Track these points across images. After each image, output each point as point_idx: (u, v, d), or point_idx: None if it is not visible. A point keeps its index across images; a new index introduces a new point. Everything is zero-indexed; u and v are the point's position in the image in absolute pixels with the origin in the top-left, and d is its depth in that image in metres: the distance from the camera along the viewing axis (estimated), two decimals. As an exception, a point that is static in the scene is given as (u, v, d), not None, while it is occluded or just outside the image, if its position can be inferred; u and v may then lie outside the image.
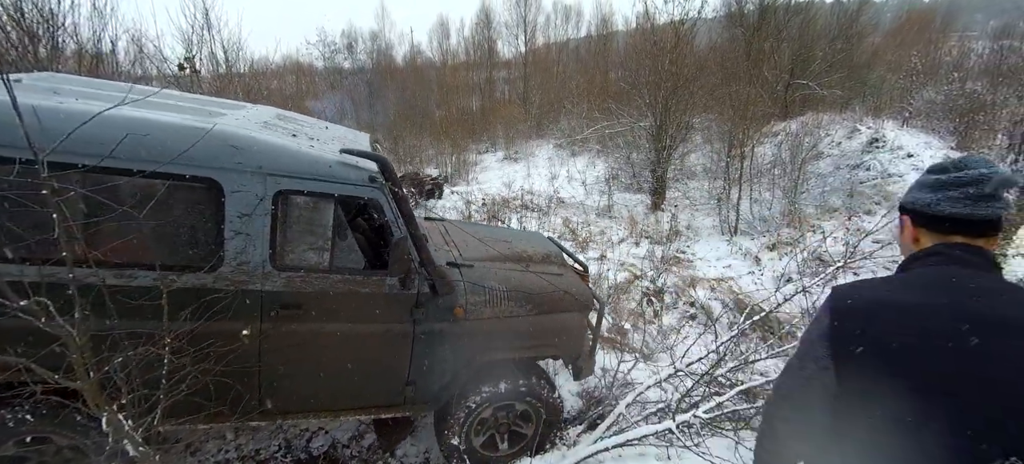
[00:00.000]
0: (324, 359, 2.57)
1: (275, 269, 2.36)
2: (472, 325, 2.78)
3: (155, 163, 2.10)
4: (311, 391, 2.63)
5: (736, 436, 3.14)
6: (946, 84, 13.23)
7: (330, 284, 2.47)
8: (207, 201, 2.23)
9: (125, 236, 2.13)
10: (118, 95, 2.24)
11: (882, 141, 11.05)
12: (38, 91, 2.26)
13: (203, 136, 2.15)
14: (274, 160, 2.30)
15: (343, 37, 29.71)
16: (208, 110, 2.63)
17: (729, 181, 9.81)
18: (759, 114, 10.75)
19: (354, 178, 2.45)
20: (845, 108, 14.48)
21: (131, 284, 2.15)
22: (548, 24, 30.25)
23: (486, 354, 2.88)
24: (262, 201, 2.28)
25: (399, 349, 2.68)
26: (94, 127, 1.93)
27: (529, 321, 2.95)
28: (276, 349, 2.44)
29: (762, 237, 8.75)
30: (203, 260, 2.26)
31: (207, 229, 2.26)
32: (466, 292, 2.77)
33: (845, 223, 8.48)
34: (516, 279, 3.02)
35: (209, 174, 2.19)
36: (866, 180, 9.98)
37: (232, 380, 2.35)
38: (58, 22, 6.55)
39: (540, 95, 21.83)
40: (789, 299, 3.86)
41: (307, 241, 2.46)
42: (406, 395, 2.81)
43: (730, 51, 14.43)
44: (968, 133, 11.19)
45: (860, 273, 7.25)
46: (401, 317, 2.63)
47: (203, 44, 9.19)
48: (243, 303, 2.33)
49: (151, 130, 2.13)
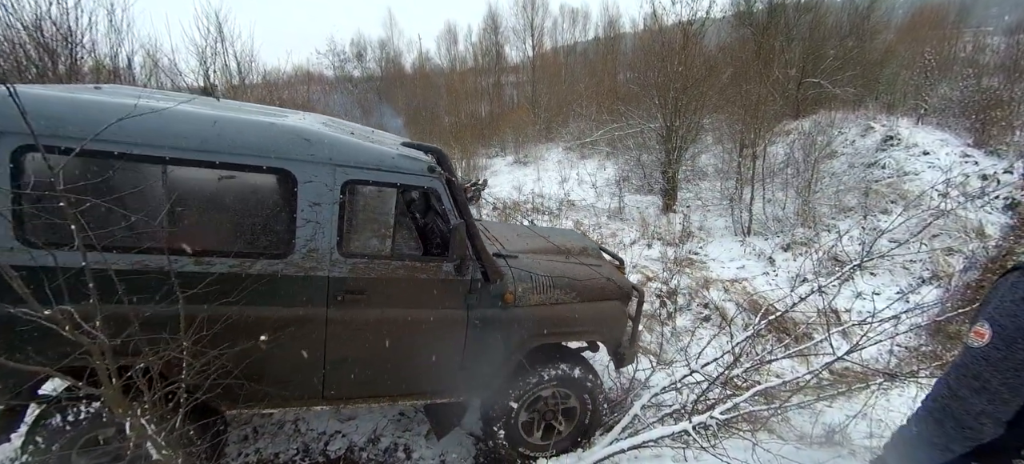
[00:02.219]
0: (384, 344, 2.65)
1: (342, 256, 2.47)
2: (521, 311, 2.90)
3: (235, 155, 2.22)
4: (371, 376, 2.71)
5: (753, 437, 3.12)
6: (961, 80, 13.03)
7: (391, 270, 2.58)
8: (281, 191, 2.35)
9: (206, 225, 2.26)
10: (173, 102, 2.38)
11: (897, 139, 10.90)
12: (122, 95, 2.36)
13: (278, 130, 2.29)
14: (343, 152, 2.40)
15: (352, 46, 30.07)
16: (269, 111, 2.75)
17: (741, 181, 9.74)
18: (771, 113, 10.66)
19: (415, 169, 2.56)
20: (858, 106, 14.30)
21: (209, 271, 2.24)
22: (555, 28, 30.30)
23: (534, 339, 2.96)
24: (332, 191, 2.39)
25: (454, 334, 2.78)
26: (180, 123, 2.12)
27: (574, 308, 3.07)
28: (340, 334, 2.53)
29: (776, 237, 8.66)
30: (276, 247, 2.36)
31: (280, 218, 2.37)
32: (515, 279, 2.89)
33: (861, 222, 8.37)
34: (560, 268, 3.15)
35: (284, 165, 2.30)
36: (881, 178, 9.84)
37: (298, 365, 2.48)
38: (77, 39, 6.72)
39: (548, 99, 21.84)
40: (804, 299, 3.81)
41: (371, 229, 2.58)
42: (459, 380, 2.89)
43: (740, 50, 14.33)
44: (985, 129, 10.99)
45: (877, 274, 7.14)
46: (456, 303, 2.75)
47: (217, 57, 9.37)
48: (311, 288, 2.43)
49: (229, 125, 2.25)
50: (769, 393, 3.41)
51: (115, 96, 2.25)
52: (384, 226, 2.60)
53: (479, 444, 3.50)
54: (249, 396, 2.46)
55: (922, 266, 7.06)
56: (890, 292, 6.70)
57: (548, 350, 3.16)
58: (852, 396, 4.06)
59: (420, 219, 3.37)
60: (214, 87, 8.94)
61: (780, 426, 3.56)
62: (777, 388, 3.43)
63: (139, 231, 2.14)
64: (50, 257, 1.96)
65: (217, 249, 2.27)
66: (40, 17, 6.33)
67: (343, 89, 25.97)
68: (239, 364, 2.30)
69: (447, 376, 2.87)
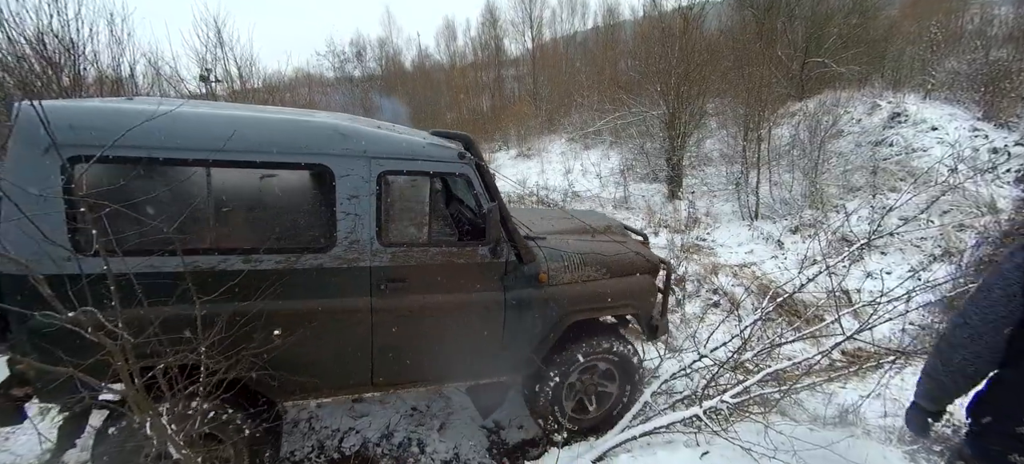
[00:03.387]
0: (428, 329, 2.73)
1: (382, 246, 2.52)
2: (555, 290, 2.96)
3: (274, 154, 2.27)
4: (418, 361, 2.78)
5: (765, 420, 3.11)
6: (969, 53, 12.82)
7: (429, 256, 2.64)
8: (320, 186, 2.40)
9: (252, 224, 2.34)
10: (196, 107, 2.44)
11: (904, 115, 10.77)
12: (152, 104, 2.39)
13: (314, 126, 2.33)
14: (376, 144, 2.46)
15: (352, 46, 30.04)
16: (296, 111, 2.79)
17: (747, 165, 9.68)
18: (775, 95, 10.56)
19: (445, 156, 2.62)
20: (864, 84, 14.12)
21: (258, 268, 2.31)
22: (554, 18, 30.15)
23: (569, 317, 3.03)
24: (368, 183, 2.44)
25: (493, 316, 2.84)
26: (220, 126, 2.17)
27: (605, 284, 3.15)
28: (385, 322, 2.60)
29: (784, 220, 8.61)
30: (319, 241, 2.42)
31: (321, 212, 2.42)
32: (547, 259, 2.95)
33: (870, 201, 8.30)
34: (588, 246, 3.22)
35: (321, 160, 2.35)
36: (889, 156, 9.73)
37: (348, 354, 2.57)
38: (79, 50, 6.76)
39: (550, 90, 21.76)
40: (813, 280, 3.79)
41: (407, 218, 2.66)
42: (501, 360, 2.97)
43: (741, 33, 14.19)
44: (994, 102, 10.82)
45: (888, 253, 7.08)
46: (493, 285, 2.82)
47: (217, 62, 9.40)
48: (355, 279, 2.50)
49: (267, 125, 2.30)
50: (780, 376, 3.40)
51: (150, 106, 2.28)
52: (420, 214, 2.67)
53: (492, 436, 3.52)
54: (303, 387, 2.54)
55: (933, 243, 7.00)
56: (901, 270, 6.64)
57: (584, 326, 3.23)
58: (865, 376, 4.04)
59: (443, 208, 3.43)
60: (208, 72, 8.95)
61: (792, 408, 3.55)
62: (788, 370, 3.42)
63: (188, 234, 2.20)
64: (101, 263, 1.96)
65: (264, 247, 2.33)
66: (42, 31, 6.37)
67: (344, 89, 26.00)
68: (291, 357, 2.38)
69: (489, 357, 2.94)
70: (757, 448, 2.74)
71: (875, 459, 2.78)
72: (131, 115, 2.09)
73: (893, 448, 3.05)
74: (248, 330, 2.28)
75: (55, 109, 1.98)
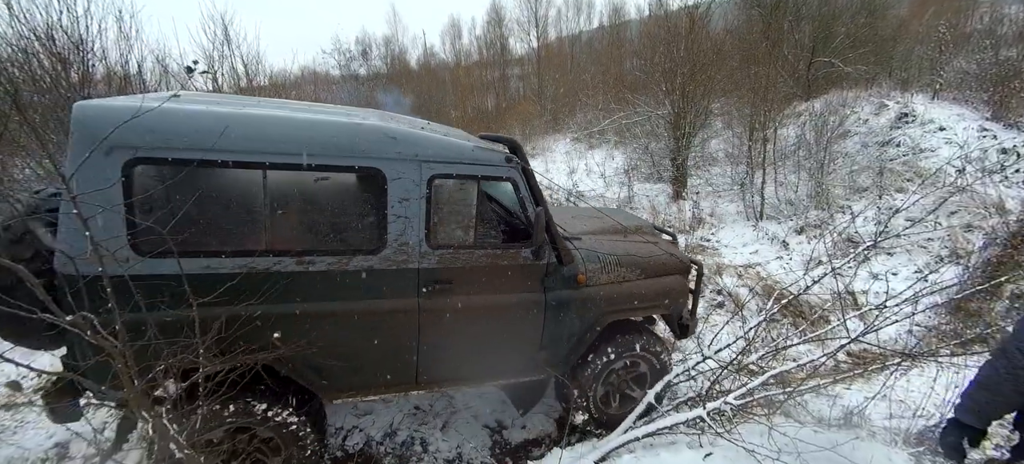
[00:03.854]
0: (472, 329, 2.77)
1: (430, 248, 2.56)
2: (592, 290, 3.02)
3: (328, 157, 2.29)
4: (461, 359, 2.84)
5: (769, 422, 3.10)
6: (978, 53, 12.70)
7: (475, 259, 2.68)
8: (372, 189, 2.43)
9: (307, 226, 2.37)
10: (240, 104, 2.51)
11: (912, 115, 10.68)
12: (201, 102, 2.40)
13: (366, 130, 2.37)
14: (427, 148, 2.48)
15: (357, 44, 30.12)
16: (341, 111, 2.80)
17: (752, 165, 9.63)
18: (780, 95, 10.50)
19: (493, 160, 2.65)
20: (871, 84, 14.01)
21: (309, 270, 2.34)
22: (559, 18, 30.14)
23: (606, 317, 3.10)
24: (418, 186, 2.47)
25: (534, 316, 2.89)
26: (276, 128, 2.19)
27: (640, 284, 3.22)
28: (431, 322, 2.64)
29: (789, 221, 8.56)
30: (369, 244, 2.46)
31: (372, 215, 2.46)
32: (585, 261, 3.01)
33: (876, 202, 8.24)
34: (623, 247, 3.29)
35: (374, 164, 2.38)
36: (896, 157, 9.66)
37: (394, 354, 2.63)
38: (88, 46, 6.79)
39: (555, 89, 21.73)
40: (818, 282, 3.77)
41: (455, 220, 2.68)
42: (540, 360, 3.03)
43: (747, 33, 14.11)
44: (1003, 102, 10.71)
45: (894, 254, 7.03)
46: (534, 286, 2.87)
47: (224, 60, 9.43)
48: (403, 281, 2.54)
49: (321, 128, 2.31)
50: (785, 377, 3.38)
51: (197, 104, 2.31)
52: (467, 217, 2.69)
53: (495, 435, 3.52)
54: (351, 386, 2.64)
55: (941, 244, 6.94)
56: (908, 272, 6.60)
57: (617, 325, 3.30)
58: (871, 378, 4.01)
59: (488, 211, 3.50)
60: (195, 64, 8.94)
61: (797, 410, 3.53)
62: (793, 372, 3.40)
63: (244, 235, 2.25)
64: (160, 265, 2.08)
65: (317, 249, 2.36)
66: (51, 26, 6.41)
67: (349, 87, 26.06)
68: (340, 356, 2.47)
69: (528, 355, 3.00)
70: (761, 450, 2.73)
71: (880, 461, 2.76)
72: (189, 117, 2.11)
73: (898, 450, 3.02)
74: (303, 330, 2.35)
75: (113, 110, 2.00)
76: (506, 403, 3.77)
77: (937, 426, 3.30)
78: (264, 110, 2.34)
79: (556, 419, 3.67)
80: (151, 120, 2.03)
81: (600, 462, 2.96)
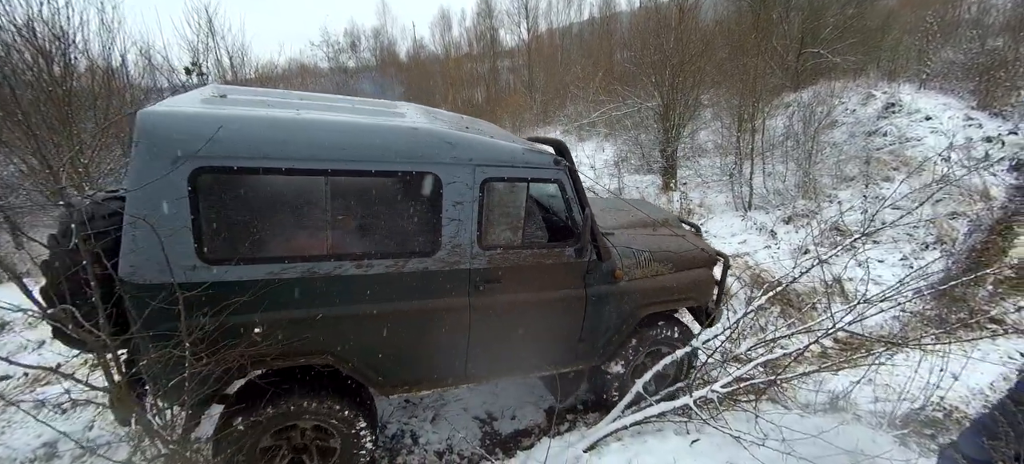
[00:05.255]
0: (518, 325, 2.88)
1: (481, 249, 2.64)
2: (628, 285, 3.13)
3: (387, 162, 2.34)
4: (508, 354, 2.95)
5: (755, 409, 3.13)
6: (965, 43, 12.82)
7: (522, 258, 2.78)
8: (428, 194, 2.48)
9: (366, 231, 2.43)
10: (289, 101, 2.59)
11: (899, 105, 10.78)
12: (251, 103, 2.44)
13: (423, 135, 2.42)
14: (480, 152, 2.54)
15: (346, 36, 29.82)
16: (388, 111, 2.86)
17: (741, 156, 9.67)
18: (769, 86, 10.54)
19: (542, 162, 2.73)
20: (859, 74, 14.11)
21: (368, 273, 2.41)
22: (550, 9, 30.06)
23: (641, 310, 3.23)
24: (472, 189, 2.55)
25: (575, 311, 3.01)
26: (337, 135, 2.23)
27: (672, 277, 3.33)
28: (481, 319, 2.74)
29: (777, 211, 8.62)
30: (425, 246, 2.53)
31: (428, 219, 2.51)
32: (621, 256, 3.11)
33: (863, 191, 8.32)
34: (655, 242, 3.40)
35: (431, 169, 2.44)
36: (883, 146, 9.75)
37: (446, 350, 2.73)
38: (69, 39, 6.66)
39: (545, 81, 21.67)
40: (807, 272, 3.80)
41: (504, 222, 2.75)
42: (578, 351, 3.15)
43: (737, 24, 14.14)
44: (989, 91, 10.85)
45: (880, 241, 7.11)
46: (577, 283, 2.97)
47: (209, 52, 9.30)
48: (456, 280, 2.62)
49: (379, 133, 2.35)
50: (771, 364, 3.41)
51: (249, 106, 2.34)
52: (516, 218, 2.75)
53: (484, 427, 3.53)
54: (405, 382, 2.74)
55: (926, 231, 7.03)
56: (893, 259, 6.68)
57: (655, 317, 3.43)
58: (857, 364, 4.06)
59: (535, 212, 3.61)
60: (196, 65, 8.85)
61: (783, 396, 3.57)
62: (779, 359, 3.44)
63: (306, 241, 2.32)
64: (227, 272, 2.16)
65: (375, 252, 2.43)
66: (32, 18, 6.28)
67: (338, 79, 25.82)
68: (396, 354, 2.59)
69: (569, 349, 3.12)
70: (747, 436, 2.76)
71: (865, 444, 2.81)
72: (254, 126, 2.13)
73: (883, 432, 3.07)
74: (362, 331, 2.47)
75: (178, 118, 2.03)
76: (497, 396, 3.78)
77: (922, 409, 3.36)
78: (320, 114, 2.36)
79: (545, 410, 3.69)
80: (217, 129, 2.06)
81: (589, 450, 2.98)
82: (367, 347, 2.52)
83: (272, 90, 3.19)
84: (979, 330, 4.61)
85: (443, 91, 22.98)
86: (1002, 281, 5.64)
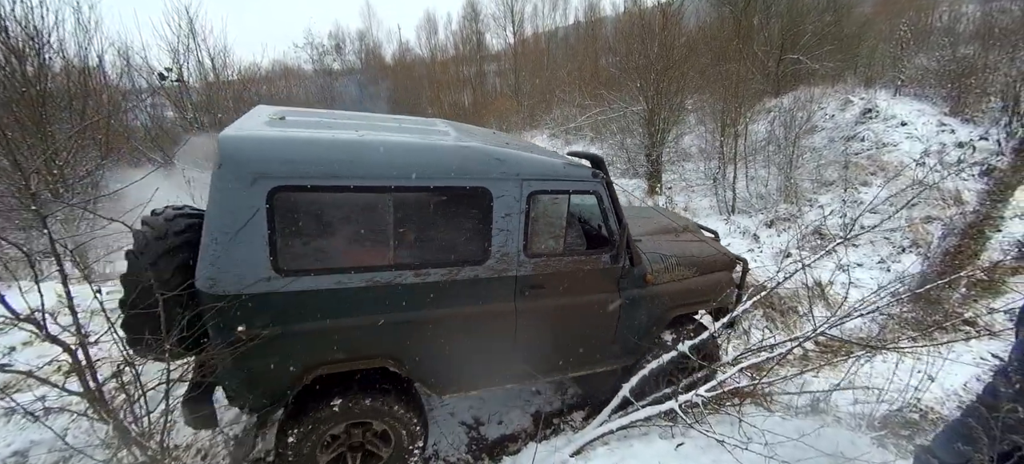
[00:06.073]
0: (559, 327, 3.05)
1: (527, 257, 2.80)
2: (657, 289, 3.30)
3: (444, 179, 2.49)
4: (549, 355, 3.11)
5: (739, 412, 3.17)
6: (938, 50, 13.20)
7: (564, 264, 2.93)
8: (480, 207, 2.63)
9: (424, 242, 2.58)
10: (342, 122, 2.79)
11: (875, 111, 11.05)
12: (312, 125, 2.61)
13: (474, 152, 2.59)
14: (526, 167, 2.70)
15: (330, 39, 29.56)
16: (432, 128, 3.03)
17: (724, 160, 9.82)
18: (751, 91, 10.72)
19: (582, 175, 2.88)
20: (837, 80, 14.44)
21: (425, 281, 2.57)
22: (536, 14, 30.10)
23: (670, 312, 3.39)
24: (519, 201, 2.70)
25: (611, 314, 3.16)
26: (400, 155, 2.40)
27: (696, 281, 3.49)
28: (526, 323, 2.90)
29: (760, 214, 8.77)
30: (476, 255, 2.68)
31: (479, 230, 2.66)
32: (651, 262, 3.26)
33: (841, 195, 8.50)
34: (680, 247, 3.56)
35: (483, 184, 2.60)
36: (861, 151, 9.98)
37: (494, 352, 2.89)
38: (44, 39, 6.50)
39: (531, 85, 21.74)
40: (790, 277, 3.87)
41: (548, 231, 2.90)
42: (612, 352, 3.30)
43: (719, 30, 14.37)
44: (961, 98, 11.17)
45: (859, 245, 7.28)
46: (612, 287, 3.12)
47: (190, 54, 9.14)
48: (504, 287, 2.78)
49: (436, 152, 2.52)
50: (756, 368, 3.46)
51: (310, 128, 2.50)
52: (558, 228, 2.91)
53: (471, 432, 3.51)
54: (458, 383, 2.91)
55: (902, 235, 7.20)
56: (871, 262, 6.83)
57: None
58: (837, 366, 4.14)
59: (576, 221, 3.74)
60: (169, 70, 8.72)
61: (765, 398, 3.62)
62: (762, 363, 3.49)
63: (370, 252, 2.47)
64: (299, 282, 2.31)
65: (433, 261, 2.59)
66: (3, 17, 6.11)
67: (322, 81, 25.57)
68: (449, 356, 2.74)
69: (603, 350, 3.27)
70: (730, 439, 2.79)
71: (845, 446, 2.85)
72: (325, 147, 2.29)
73: (862, 434, 3.13)
74: (419, 335, 2.63)
75: (257, 142, 2.20)
76: (484, 401, 3.77)
77: (900, 410, 3.43)
78: (379, 135, 2.53)
79: (532, 414, 3.69)
80: (292, 151, 2.22)
81: (575, 455, 2.98)
82: (424, 351, 2.69)
83: (322, 111, 3.34)
84: (953, 332, 4.74)
85: (430, 94, 22.89)
86: (975, 284, 5.81)
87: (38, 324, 1.88)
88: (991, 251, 6.67)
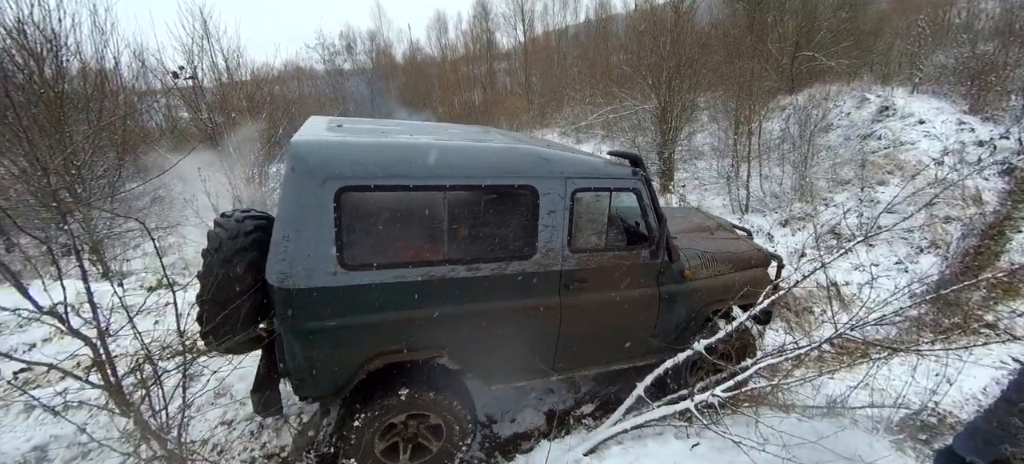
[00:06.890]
0: (601, 321, 3.14)
1: (571, 252, 2.90)
2: (696, 284, 3.40)
3: (494, 178, 2.63)
4: (590, 349, 3.21)
5: (755, 413, 3.14)
6: (956, 47, 12.95)
7: (605, 259, 3.03)
8: (527, 204, 2.75)
9: (475, 238, 2.70)
10: (393, 129, 2.97)
11: (892, 109, 10.86)
12: (368, 132, 2.78)
13: (522, 153, 2.71)
14: (571, 167, 2.82)
15: (341, 39, 29.74)
16: (477, 132, 3.22)
17: (737, 159, 9.71)
18: (765, 89, 10.59)
19: (622, 174, 2.99)
20: (853, 78, 14.22)
21: (477, 275, 2.69)
22: (546, 12, 30.03)
23: (708, 307, 3.47)
24: (564, 199, 2.81)
25: (650, 308, 3.27)
26: (453, 156, 2.54)
27: (732, 277, 3.58)
28: (570, 316, 2.99)
29: (774, 213, 8.66)
30: (523, 251, 2.80)
31: (526, 226, 2.79)
32: (689, 258, 3.38)
33: (858, 194, 8.37)
34: (715, 244, 3.68)
35: (530, 183, 2.72)
36: (877, 150, 9.82)
37: (539, 345, 3.00)
38: (61, 41, 6.60)
39: (542, 84, 21.69)
40: (807, 277, 3.82)
41: (590, 228, 3.01)
42: (651, 346, 3.39)
43: (732, 26, 14.22)
44: (981, 96, 10.95)
45: (876, 245, 7.16)
46: (651, 282, 3.23)
47: (204, 54, 9.23)
48: (549, 281, 2.88)
49: (486, 153, 2.64)
50: (771, 368, 3.42)
51: (368, 134, 2.67)
52: (600, 224, 3.02)
53: (484, 429, 3.51)
54: (504, 374, 3.02)
55: (920, 235, 7.08)
56: (889, 262, 6.72)
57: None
58: (854, 368, 4.08)
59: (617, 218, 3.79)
60: (183, 68, 8.82)
61: (781, 400, 3.57)
62: (779, 363, 3.44)
63: (427, 248, 2.60)
64: (362, 276, 2.44)
65: (483, 257, 2.71)
66: (22, 21, 6.22)
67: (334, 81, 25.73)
68: (496, 349, 2.86)
69: (643, 343, 3.36)
70: (747, 441, 2.76)
71: (862, 449, 2.81)
72: (386, 150, 2.45)
73: (880, 437, 3.08)
74: (470, 327, 2.73)
75: (326, 146, 2.35)
76: (497, 399, 3.77)
77: (918, 414, 3.37)
78: (432, 138, 2.67)
79: (544, 412, 3.68)
80: (358, 154, 2.38)
81: (589, 454, 2.97)
82: (475, 342, 2.79)
83: (369, 120, 3.50)
84: (972, 335, 4.64)
85: (440, 93, 22.93)
86: (995, 285, 5.69)
87: (61, 317, 1.91)
88: (1012, 253, 6.53)
